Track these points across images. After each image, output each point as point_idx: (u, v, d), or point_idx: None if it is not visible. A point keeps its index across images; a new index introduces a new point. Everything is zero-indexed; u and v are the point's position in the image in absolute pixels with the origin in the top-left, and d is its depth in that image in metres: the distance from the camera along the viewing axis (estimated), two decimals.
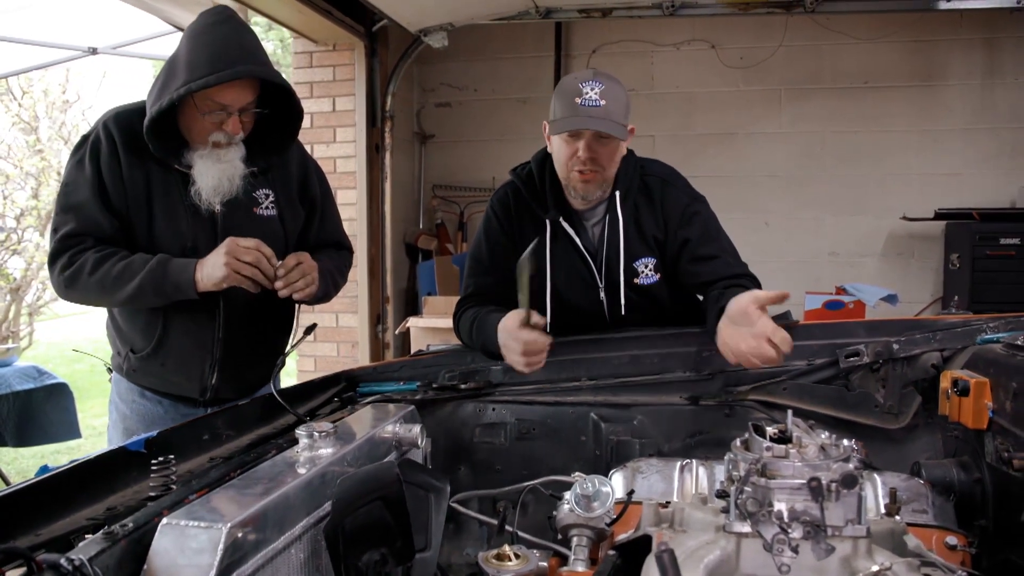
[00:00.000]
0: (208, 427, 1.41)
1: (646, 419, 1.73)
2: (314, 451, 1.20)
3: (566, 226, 1.90)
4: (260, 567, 0.98)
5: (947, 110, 4.64)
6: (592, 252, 1.90)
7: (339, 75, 4.62)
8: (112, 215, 1.75)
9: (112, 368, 1.97)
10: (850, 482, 1.00)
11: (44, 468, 1.19)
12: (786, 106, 4.84)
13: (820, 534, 0.99)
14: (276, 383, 1.63)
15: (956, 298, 3.59)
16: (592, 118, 1.74)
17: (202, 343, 1.84)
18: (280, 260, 1.75)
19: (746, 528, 1.02)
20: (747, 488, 1.02)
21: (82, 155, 1.75)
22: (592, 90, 1.75)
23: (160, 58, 5.65)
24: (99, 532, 0.95)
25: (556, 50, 5.03)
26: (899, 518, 1.18)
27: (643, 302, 1.91)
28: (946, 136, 4.64)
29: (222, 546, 0.90)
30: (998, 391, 1.39)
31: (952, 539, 1.24)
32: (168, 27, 4.39)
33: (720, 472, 1.34)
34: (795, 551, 0.98)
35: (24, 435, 4.05)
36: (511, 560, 1.17)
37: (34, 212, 8.16)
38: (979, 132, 4.60)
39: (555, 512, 1.33)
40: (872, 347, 1.68)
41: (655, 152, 4.24)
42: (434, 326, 4.38)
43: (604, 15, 4.36)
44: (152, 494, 1.10)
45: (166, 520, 0.94)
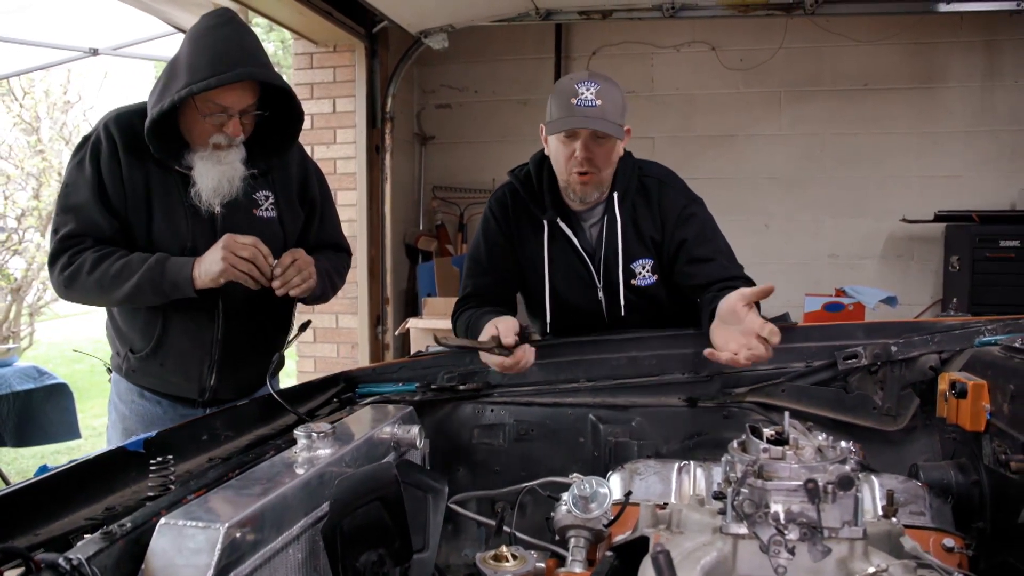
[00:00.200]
0: (207, 427, 1.41)
1: (644, 421, 1.72)
2: (312, 452, 1.21)
3: (564, 227, 1.90)
4: (258, 567, 0.98)
5: (947, 112, 4.64)
6: (590, 252, 1.91)
7: (339, 76, 4.63)
8: (112, 216, 1.76)
9: (111, 368, 1.98)
10: (846, 484, 1.00)
11: (43, 468, 1.19)
12: (786, 108, 4.84)
13: (816, 536, 0.99)
14: (274, 382, 1.63)
15: (955, 300, 3.59)
16: (588, 118, 1.75)
17: (201, 343, 1.84)
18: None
19: (743, 529, 1.02)
20: (744, 490, 1.02)
21: (82, 156, 1.76)
22: (588, 90, 1.75)
23: (161, 59, 5.66)
24: (97, 532, 0.95)
25: (556, 52, 5.04)
26: (895, 520, 1.18)
27: (641, 303, 1.91)
28: (946, 138, 4.64)
29: (220, 546, 0.90)
30: (996, 393, 1.39)
31: (949, 541, 1.24)
32: (169, 28, 4.40)
33: (718, 474, 1.34)
34: (791, 552, 0.99)
35: (24, 435, 4.06)
36: (508, 561, 1.17)
37: (35, 212, 8.17)
38: (979, 134, 4.60)
39: (553, 513, 1.33)
40: (870, 349, 1.68)
41: (655, 154, 4.25)
42: (434, 327, 4.38)
43: (604, 17, 4.37)
44: (150, 494, 1.10)
45: (164, 520, 0.94)
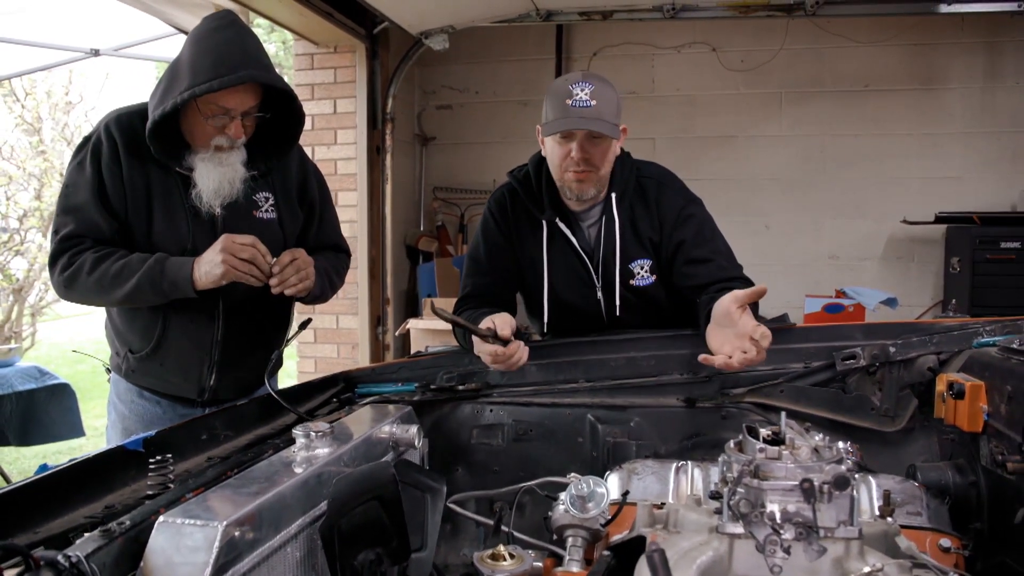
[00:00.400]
0: (206, 427, 1.42)
1: (643, 421, 1.73)
2: (311, 451, 1.21)
3: (562, 226, 1.91)
4: (256, 565, 0.98)
5: (948, 114, 4.64)
6: (588, 252, 1.91)
7: (340, 77, 4.63)
8: (112, 217, 1.76)
9: (111, 368, 1.98)
10: (842, 484, 1.01)
11: (43, 467, 1.20)
12: (787, 109, 4.84)
13: (812, 535, 1.00)
14: (273, 381, 1.63)
15: (953, 301, 3.59)
16: (583, 118, 1.75)
17: (201, 344, 1.85)
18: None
19: (739, 529, 1.03)
20: (740, 489, 1.03)
21: (83, 157, 1.76)
22: (582, 91, 1.76)
23: (162, 59, 5.68)
24: (96, 530, 0.96)
25: (557, 53, 5.04)
26: (891, 520, 1.18)
27: (640, 303, 1.91)
28: (947, 140, 4.64)
29: (217, 544, 0.90)
30: (993, 394, 1.40)
31: (946, 541, 1.24)
32: (170, 29, 4.40)
33: (715, 474, 1.34)
34: (787, 552, 0.99)
35: (27, 434, 4.08)
36: (506, 560, 1.18)
37: (37, 213, 8.17)
38: (980, 136, 4.60)
39: (550, 513, 1.33)
40: (869, 350, 1.68)
41: (655, 155, 4.25)
42: (434, 328, 4.39)
43: (605, 18, 4.37)
44: (149, 493, 1.11)
45: (162, 518, 0.94)
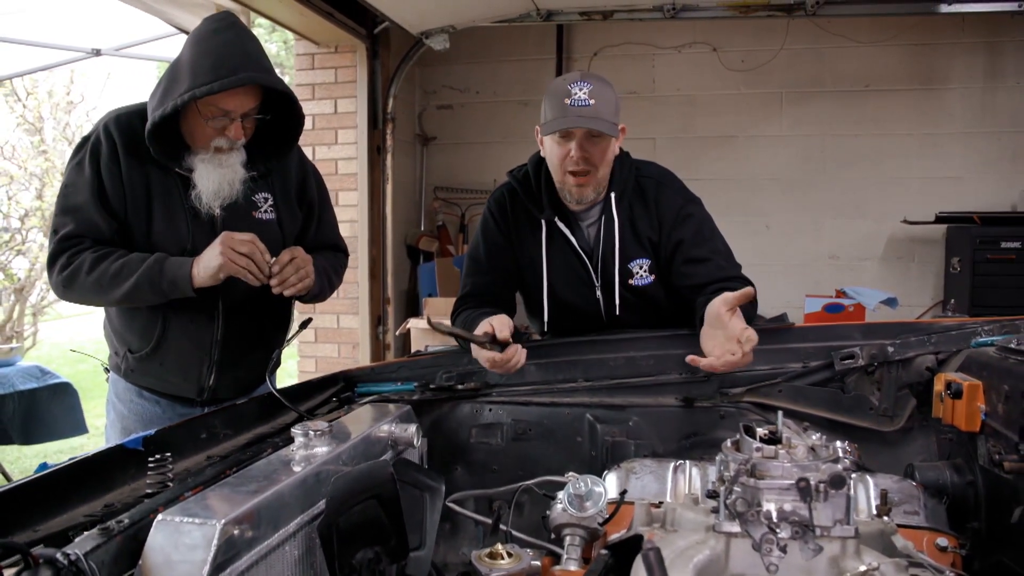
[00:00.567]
0: (206, 426, 1.42)
1: (641, 420, 1.73)
2: (309, 450, 1.21)
3: (561, 226, 1.91)
4: (254, 563, 0.99)
5: (948, 114, 4.64)
6: (588, 252, 1.91)
7: (341, 77, 4.63)
8: (111, 217, 1.76)
9: (109, 368, 1.99)
10: (838, 483, 1.01)
11: (43, 465, 1.20)
12: (787, 109, 4.84)
13: (808, 534, 1.00)
14: (272, 379, 1.64)
15: (952, 301, 3.58)
16: (582, 117, 1.76)
17: (200, 344, 1.85)
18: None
19: (735, 528, 1.03)
20: (736, 488, 1.03)
21: (82, 157, 1.76)
22: (580, 90, 1.76)
23: (163, 59, 5.69)
24: (95, 528, 0.96)
25: (557, 53, 5.04)
26: (887, 519, 1.19)
27: (639, 303, 1.92)
28: (947, 140, 4.64)
29: (216, 542, 0.91)
30: (991, 394, 1.40)
31: (943, 540, 1.24)
32: (171, 29, 4.40)
33: (713, 473, 1.35)
34: (783, 551, 0.99)
35: (30, 433, 4.11)
36: (503, 559, 1.18)
37: (38, 213, 8.19)
38: (980, 136, 4.60)
39: (548, 512, 1.34)
40: (867, 350, 1.68)
41: (656, 155, 4.25)
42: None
43: (605, 18, 4.37)
44: (148, 491, 1.12)
45: (161, 516, 0.95)
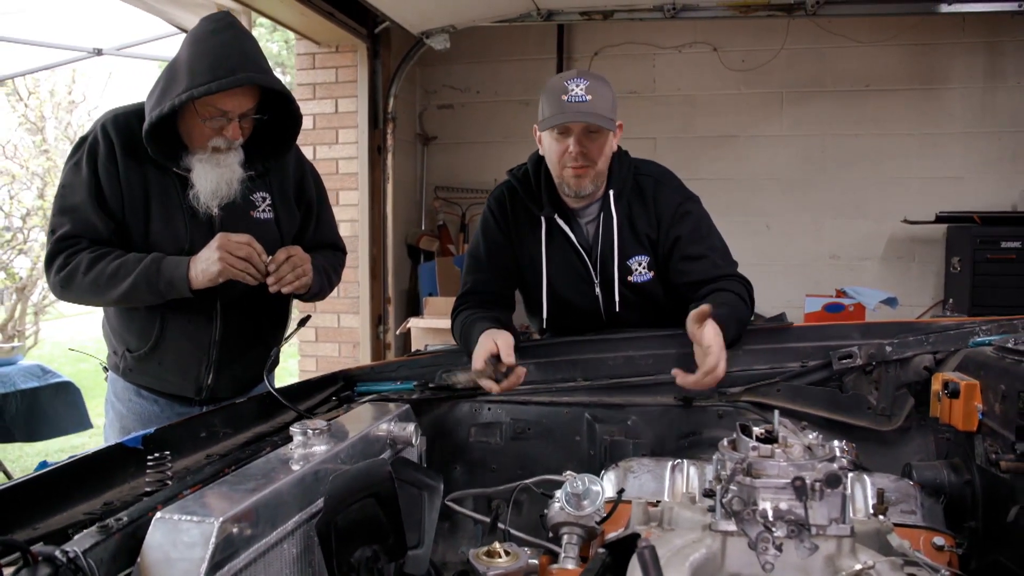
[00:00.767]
0: (205, 425, 1.43)
1: (640, 420, 1.73)
2: (308, 448, 1.21)
3: (561, 223, 1.92)
4: (252, 561, 0.99)
5: (948, 114, 4.64)
6: (587, 249, 1.92)
7: (341, 77, 4.64)
8: (108, 217, 1.76)
9: (108, 367, 1.99)
10: (834, 481, 1.01)
11: (43, 464, 1.21)
12: (787, 109, 4.84)
13: (804, 533, 1.00)
14: (271, 377, 1.64)
15: (950, 300, 3.58)
16: (579, 112, 1.77)
17: (199, 343, 1.85)
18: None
19: (731, 527, 1.03)
20: (732, 487, 1.03)
21: (79, 157, 1.77)
22: (577, 86, 1.78)
23: (164, 59, 5.68)
24: (94, 526, 0.97)
25: (558, 52, 5.04)
26: (883, 518, 1.19)
27: (638, 300, 1.92)
28: (947, 140, 4.64)
29: (214, 540, 0.91)
30: (988, 393, 1.40)
31: (939, 539, 1.24)
32: (172, 28, 4.42)
33: (711, 472, 1.35)
34: (779, 549, 1.00)
35: (34, 431, 4.13)
36: (501, 557, 1.19)
37: (40, 212, 8.21)
38: (980, 136, 4.60)
39: (546, 510, 1.34)
40: (865, 349, 1.68)
41: (656, 154, 4.26)
42: (435, 327, 4.40)
43: (605, 18, 4.37)
44: (148, 489, 1.12)
45: (159, 514, 0.95)
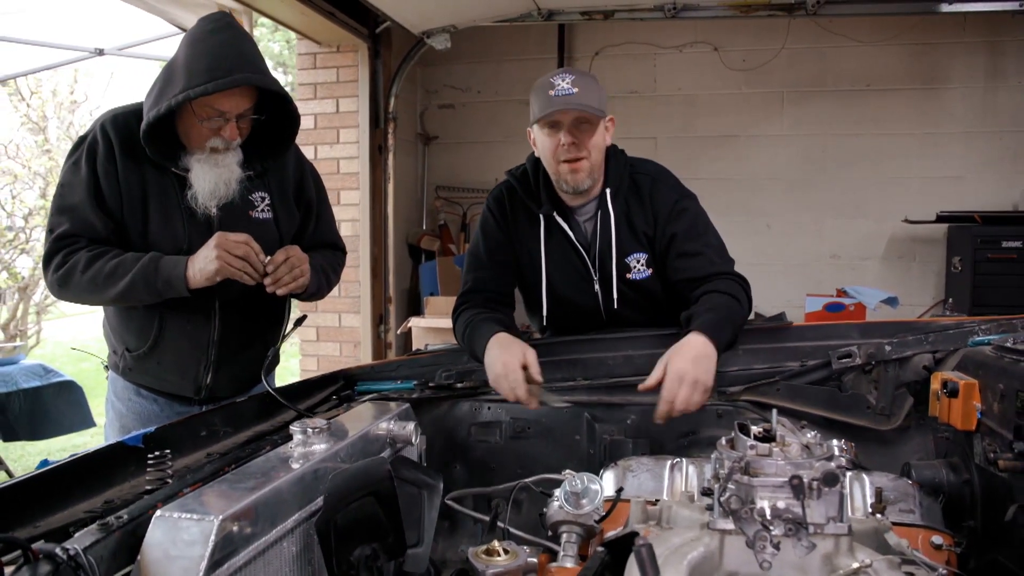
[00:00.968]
0: (205, 424, 1.43)
1: (639, 419, 1.74)
2: (308, 447, 1.22)
3: (559, 220, 1.93)
4: (252, 559, 0.99)
5: (949, 114, 4.64)
6: (585, 246, 1.93)
7: (343, 76, 4.64)
8: (107, 217, 1.77)
9: (108, 366, 2.00)
10: (832, 480, 1.01)
11: (44, 462, 1.21)
12: (788, 109, 4.84)
13: (801, 531, 1.01)
14: (270, 379, 1.64)
15: (950, 300, 3.58)
16: (567, 103, 1.80)
17: (197, 343, 1.86)
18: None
19: (729, 525, 1.04)
20: (730, 486, 1.04)
21: (78, 157, 1.77)
22: (564, 80, 1.81)
23: (166, 59, 5.68)
24: (95, 523, 0.97)
25: (559, 52, 5.04)
26: (881, 517, 1.19)
27: (637, 297, 1.93)
28: (948, 140, 4.64)
29: (213, 538, 0.91)
30: (986, 393, 1.40)
31: (937, 538, 1.24)
32: (173, 28, 4.42)
33: (709, 471, 1.35)
34: (777, 548, 1.00)
35: (37, 429, 4.14)
36: (500, 556, 1.19)
37: (42, 212, 8.22)
38: (981, 136, 4.59)
39: (545, 509, 1.34)
40: (865, 349, 1.69)
41: (657, 154, 4.25)
42: (436, 326, 4.40)
43: (606, 17, 4.37)
44: (148, 488, 1.12)
45: (159, 512, 0.95)
